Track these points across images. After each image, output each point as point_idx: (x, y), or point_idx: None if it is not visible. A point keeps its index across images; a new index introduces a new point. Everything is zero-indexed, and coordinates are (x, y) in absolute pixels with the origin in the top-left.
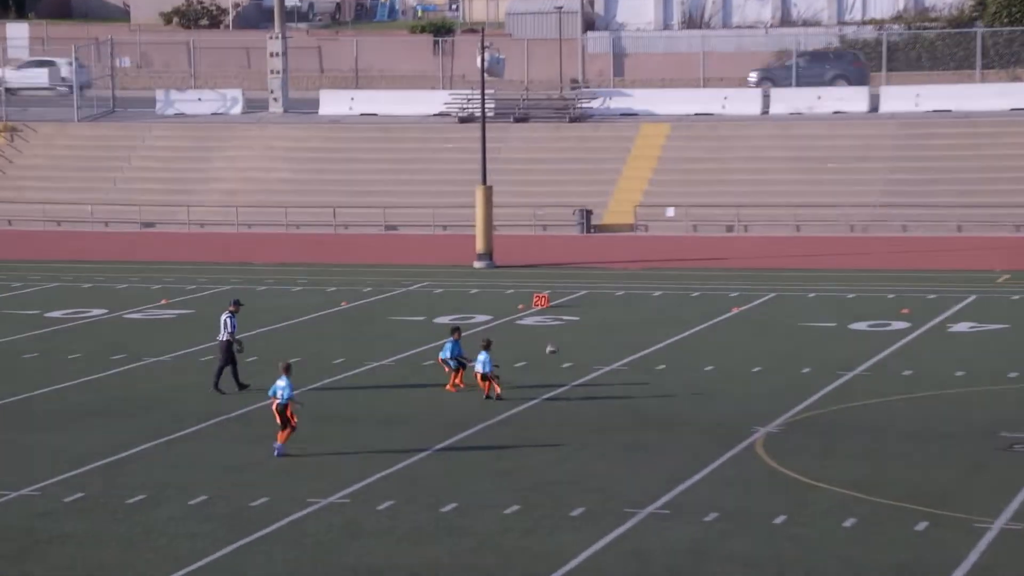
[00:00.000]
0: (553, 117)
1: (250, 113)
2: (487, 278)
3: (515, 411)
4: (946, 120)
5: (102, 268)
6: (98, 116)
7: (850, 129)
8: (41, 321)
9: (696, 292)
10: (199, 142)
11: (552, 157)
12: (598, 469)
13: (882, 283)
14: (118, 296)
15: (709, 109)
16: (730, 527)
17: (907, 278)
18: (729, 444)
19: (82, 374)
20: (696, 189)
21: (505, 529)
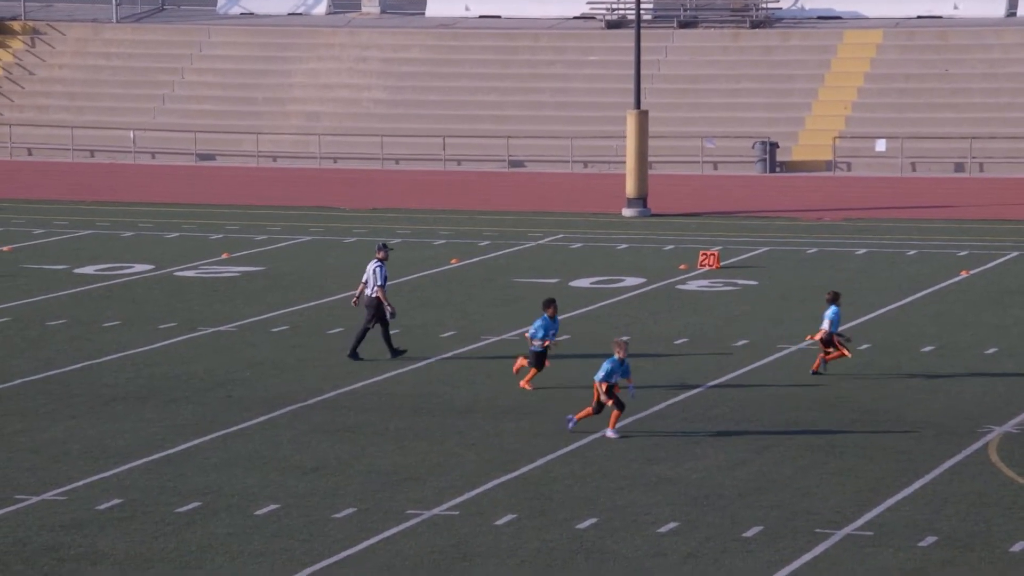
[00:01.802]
0: (729, 21)
1: (337, 14)
2: (640, 230)
3: (674, 401)
4: None
5: (147, 212)
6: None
7: None
8: (70, 279)
9: (912, 250)
10: (272, 51)
11: (727, 74)
12: (780, 477)
13: None
14: (167, 248)
15: (936, 10)
16: (953, 555)
17: None
18: (953, 447)
19: (121, 347)
20: (916, 116)
21: (659, 552)
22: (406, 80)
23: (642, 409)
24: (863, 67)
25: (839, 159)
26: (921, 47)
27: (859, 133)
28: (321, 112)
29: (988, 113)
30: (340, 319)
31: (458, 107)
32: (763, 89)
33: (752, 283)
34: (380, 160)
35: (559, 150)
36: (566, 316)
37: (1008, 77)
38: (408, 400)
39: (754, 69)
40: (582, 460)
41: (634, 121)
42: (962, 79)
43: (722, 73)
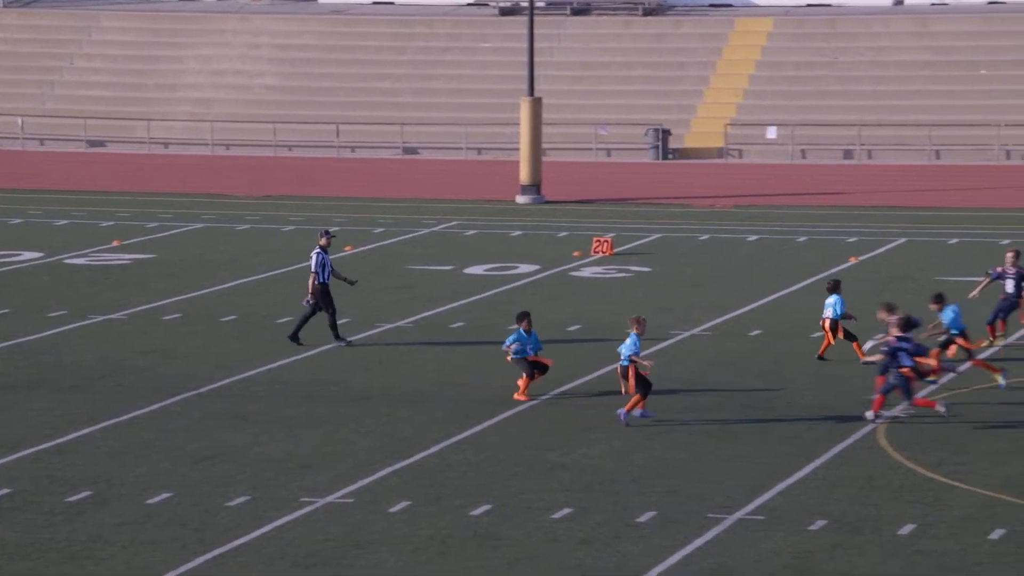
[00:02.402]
0: (622, 9)
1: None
2: (534, 217)
3: (567, 387)
4: None
5: (36, 199)
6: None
7: (1010, 24)
8: None
9: (803, 237)
10: (163, 36)
11: (619, 61)
12: (673, 463)
13: None
14: (57, 235)
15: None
16: (842, 538)
17: None
18: (843, 432)
19: (10, 336)
20: (805, 103)
21: (552, 538)
22: (299, 66)
23: (536, 395)
24: (754, 55)
25: (730, 146)
26: (811, 35)
27: (750, 120)
28: (213, 98)
29: (876, 100)
30: (233, 307)
31: (351, 94)
32: (655, 76)
33: (645, 269)
34: (273, 147)
35: (453, 137)
36: (461, 303)
37: (895, 65)
38: (302, 388)
39: (646, 56)
40: (476, 447)
41: (528, 108)
42: (851, 67)
43: (615, 60)
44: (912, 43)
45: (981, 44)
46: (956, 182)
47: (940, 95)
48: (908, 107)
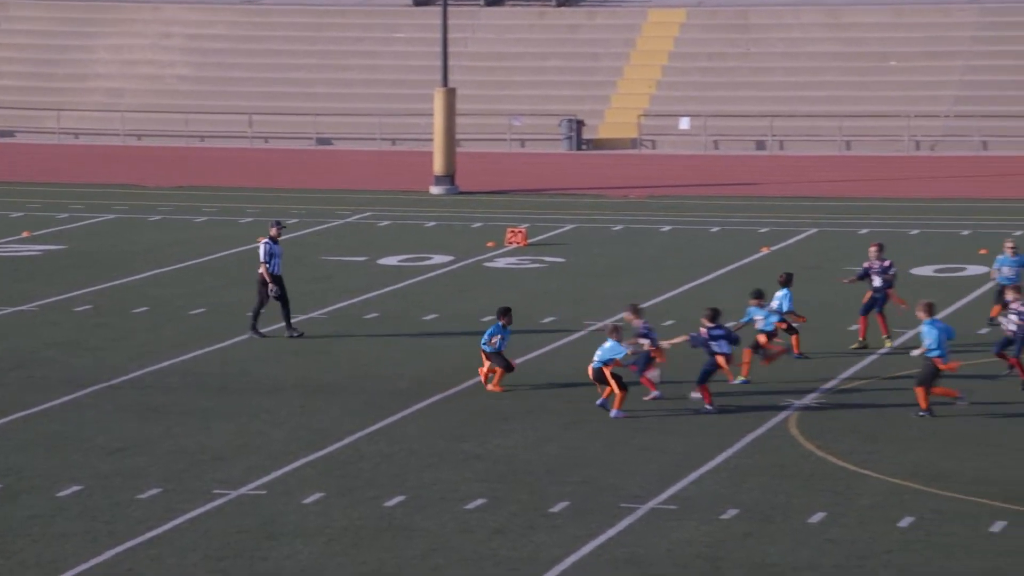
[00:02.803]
0: (535, 0)
1: None
2: (448, 207)
3: (480, 379)
4: None
5: None
6: None
7: (918, 16)
8: None
9: (715, 227)
10: (73, 26)
11: (533, 52)
12: (587, 454)
13: (955, 216)
14: None
15: None
16: (754, 527)
17: (987, 210)
18: (755, 421)
19: None
20: (718, 94)
21: (466, 528)
22: (211, 56)
23: (450, 386)
24: (667, 46)
25: (644, 137)
26: (723, 26)
27: (663, 111)
28: (124, 88)
29: (788, 92)
30: (145, 298)
31: (264, 84)
32: (569, 67)
33: (559, 260)
34: (185, 137)
35: (367, 128)
36: (374, 294)
37: (807, 56)
38: (215, 379)
39: (560, 47)
40: (389, 438)
41: (441, 99)
42: (763, 58)
43: (528, 51)
44: (823, 35)
45: (891, 36)
46: (866, 173)
47: (851, 86)
48: (819, 98)
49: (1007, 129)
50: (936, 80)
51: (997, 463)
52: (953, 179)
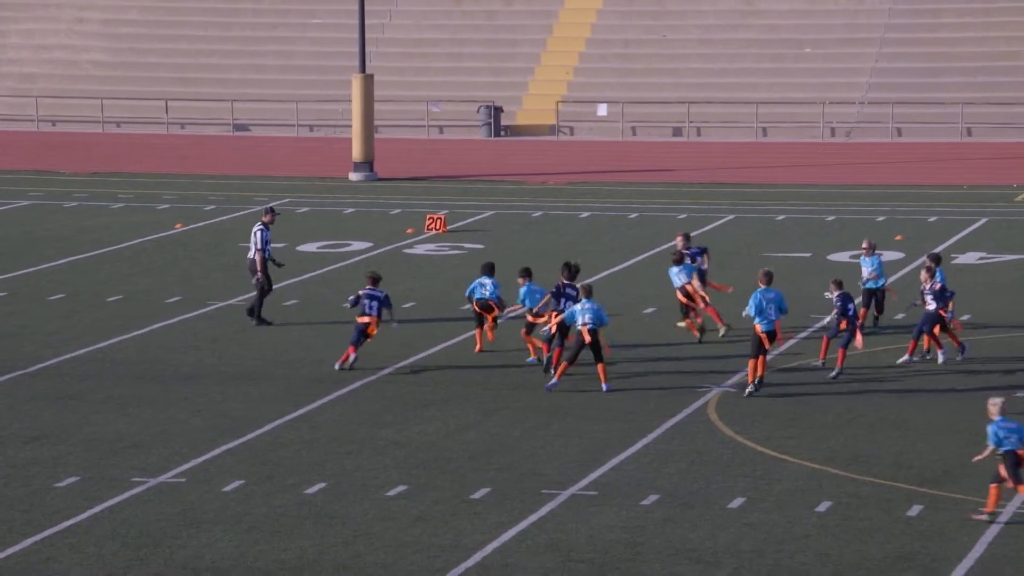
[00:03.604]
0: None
1: None
2: (367, 194)
3: (402, 365)
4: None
5: None
6: None
7: (832, 3)
8: None
9: (634, 213)
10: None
11: (451, 38)
12: (508, 440)
13: (870, 202)
14: None
15: None
16: (674, 512)
17: (901, 195)
18: (674, 407)
19: None
20: (635, 81)
21: (388, 515)
22: (126, 42)
23: (371, 373)
24: (584, 32)
25: (562, 123)
26: (639, 13)
27: (581, 98)
28: (38, 74)
29: (704, 79)
30: (60, 285)
31: (180, 70)
32: (487, 54)
33: (478, 247)
34: (101, 123)
35: (284, 114)
36: (293, 280)
37: (723, 43)
38: (132, 367)
39: (477, 34)
40: (310, 425)
41: (359, 85)
42: (679, 45)
43: (446, 37)
44: (739, 21)
45: (806, 23)
46: (782, 159)
47: (766, 73)
48: (735, 85)
49: (921, 116)
50: (850, 67)
51: (913, 447)
52: (868, 165)
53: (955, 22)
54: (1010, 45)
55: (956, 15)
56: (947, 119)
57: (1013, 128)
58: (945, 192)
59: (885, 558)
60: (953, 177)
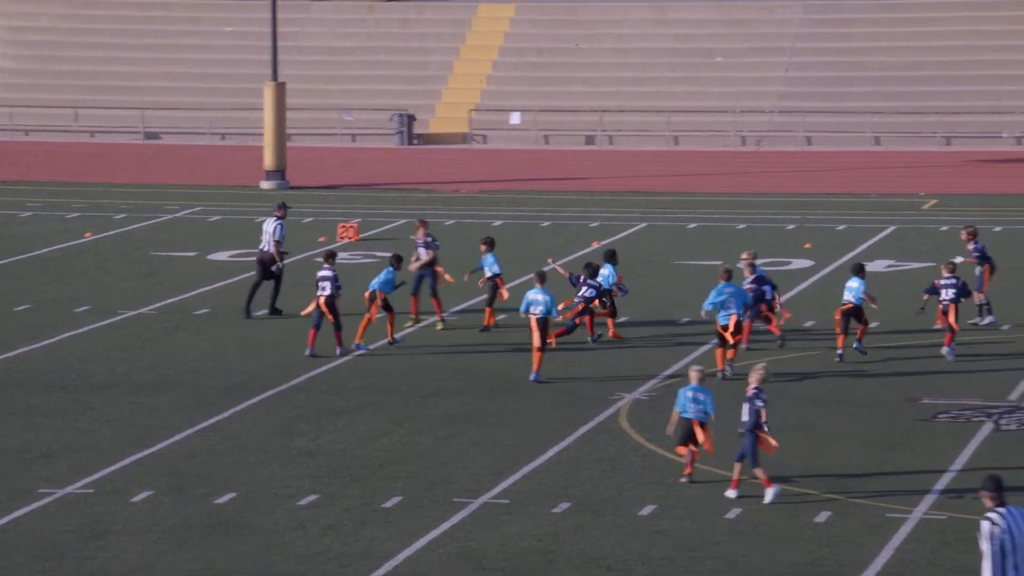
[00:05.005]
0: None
1: None
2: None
3: (315, 373)
4: (865, 2)
5: None
6: None
7: (744, 12)
8: None
9: (547, 221)
10: None
11: (363, 46)
12: (419, 448)
13: (780, 210)
14: None
15: None
16: (585, 520)
17: (811, 204)
18: (586, 414)
19: None
20: (548, 89)
21: (299, 525)
22: (35, 49)
23: (282, 382)
24: (497, 41)
25: (475, 131)
26: (552, 21)
27: (494, 106)
28: None
29: (617, 87)
30: None
31: (90, 77)
32: (400, 62)
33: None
34: (9, 131)
35: (196, 122)
36: (205, 289)
37: (635, 52)
38: (40, 376)
39: (390, 41)
40: (221, 435)
41: (271, 93)
42: (592, 53)
43: (359, 45)
44: (651, 30)
45: (717, 32)
46: (695, 168)
47: (679, 82)
48: (648, 93)
49: (830, 125)
50: (761, 76)
51: (821, 454)
52: (778, 174)
53: (864, 31)
54: (918, 55)
55: (865, 25)
56: (856, 128)
57: (921, 137)
58: (854, 200)
59: (793, 564)
60: (862, 186)
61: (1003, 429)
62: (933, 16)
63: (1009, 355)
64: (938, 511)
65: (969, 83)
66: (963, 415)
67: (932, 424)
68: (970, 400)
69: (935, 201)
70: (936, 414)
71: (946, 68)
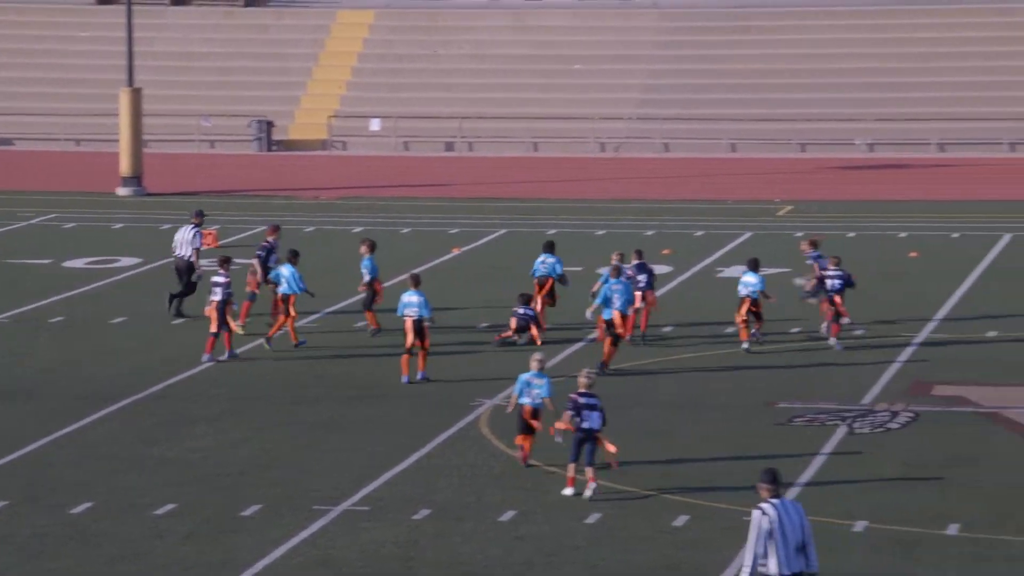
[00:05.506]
0: (222, 0)
1: None
2: (135, 209)
3: (175, 380)
4: (721, 10)
5: None
6: None
7: (601, 20)
8: None
9: (407, 228)
10: None
11: (221, 52)
12: (280, 455)
13: (639, 216)
14: None
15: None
16: (446, 526)
17: (669, 210)
18: (447, 421)
19: None
20: (408, 96)
21: (157, 534)
22: None
23: (141, 390)
24: (356, 47)
25: (334, 138)
26: (412, 28)
27: (353, 112)
28: None
29: (476, 94)
30: None
31: None
32: (258, 68)
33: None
34: None
35: (51, 127)
36: (60, 296)
37: (494, 58)
38: None
39: (248, 48)
40: (79, 444)
41: (127, 99)
42: (451, 60)
43: (216, 51)
44: (510, 37)
45: (575, 39)
46: (554, 174)
47: (537, 88)
48: (507, 100)
49: (687, 131)
50: (619, 83)
51: (679, 458)
52: (637, 180)
53: (720, 39)
54: (773, 63)
55: (721, 33)
56: (713, 135)
57: (775, 144)
58: (711, 207)
59: (652, 567)
60: (719, 192)
61: (856, 432)
62: (787, 24)
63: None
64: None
65: (823, 91)
66: (818, 419)
67: (788, 428)
68: (825, 404)
69: (790, 207)
70: (792, 418)
71: (800, 76)
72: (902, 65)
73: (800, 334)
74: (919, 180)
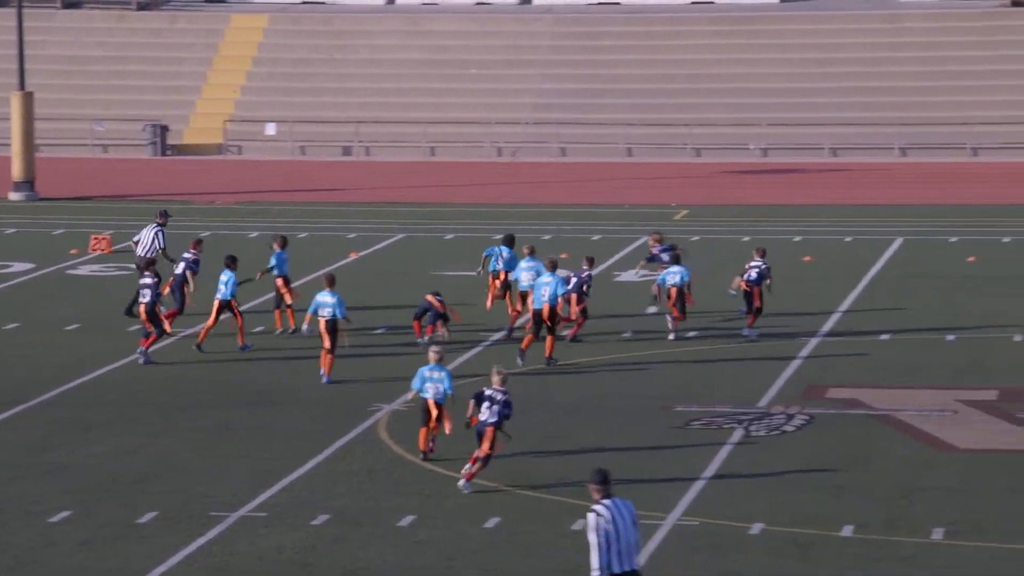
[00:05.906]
0: (115, 3)
1: None
2: (27, 214)
3: (69, 387)
4: (617, 15)
5: None
6: None
7: (497, 25)
8: None
9: (304, 232)
10: None
11: (114, 55)
12: (177, 462)
13: (537, 220)
14: None
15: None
16: (344, 532)
17: (567, 214)
18: (345, 426)
19: None
20: (304, 100)
21: (51, 542)
22: None
23: (34, 396)
24: (251, 51)
25: (230, 142)
26: (307, 32)
27: (249, 117)
28: None
29: (372, 98)
30: None
31: None
32: (152, 72)
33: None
34: None
35: None
36: None
37: (390, 63)
38: None
39: (142, 51)
40: None
41: (18, 103)
42: (347, 64)
43: (109, 55)
44: (405, 42)
45: (471, 44)
46: (451, 178)
47: (434, 93)
48: (403, 104)
49: (584, 136)
50: (515, 88)
51: (577, 462)
52: (534, 184)
53: (614, 44)
54: (667, 68)
55: (615, 38)
56: (609, 140)
57: (671, 148)
58: (608, 211)
59: (551, 572)
60: (616, 196)
61: (753, 435)
62: (681, 30)
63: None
64: (690, 517)
65: (717, 96)
66: (715, 422)
67: (685, 431)
68: (721, 407)
69: (686, 211)
70: (689, 421)
71: (695, 81)
72: (795, 71)
73: (696, 338)
74: (812, 184)
